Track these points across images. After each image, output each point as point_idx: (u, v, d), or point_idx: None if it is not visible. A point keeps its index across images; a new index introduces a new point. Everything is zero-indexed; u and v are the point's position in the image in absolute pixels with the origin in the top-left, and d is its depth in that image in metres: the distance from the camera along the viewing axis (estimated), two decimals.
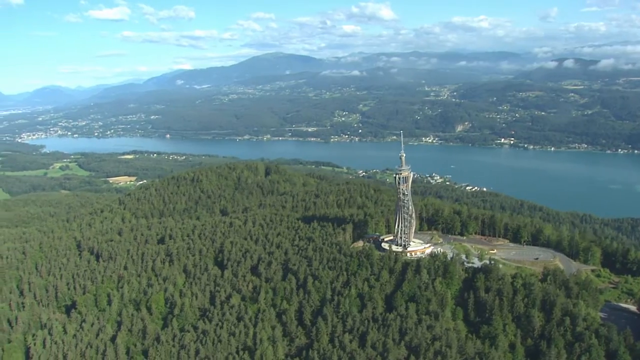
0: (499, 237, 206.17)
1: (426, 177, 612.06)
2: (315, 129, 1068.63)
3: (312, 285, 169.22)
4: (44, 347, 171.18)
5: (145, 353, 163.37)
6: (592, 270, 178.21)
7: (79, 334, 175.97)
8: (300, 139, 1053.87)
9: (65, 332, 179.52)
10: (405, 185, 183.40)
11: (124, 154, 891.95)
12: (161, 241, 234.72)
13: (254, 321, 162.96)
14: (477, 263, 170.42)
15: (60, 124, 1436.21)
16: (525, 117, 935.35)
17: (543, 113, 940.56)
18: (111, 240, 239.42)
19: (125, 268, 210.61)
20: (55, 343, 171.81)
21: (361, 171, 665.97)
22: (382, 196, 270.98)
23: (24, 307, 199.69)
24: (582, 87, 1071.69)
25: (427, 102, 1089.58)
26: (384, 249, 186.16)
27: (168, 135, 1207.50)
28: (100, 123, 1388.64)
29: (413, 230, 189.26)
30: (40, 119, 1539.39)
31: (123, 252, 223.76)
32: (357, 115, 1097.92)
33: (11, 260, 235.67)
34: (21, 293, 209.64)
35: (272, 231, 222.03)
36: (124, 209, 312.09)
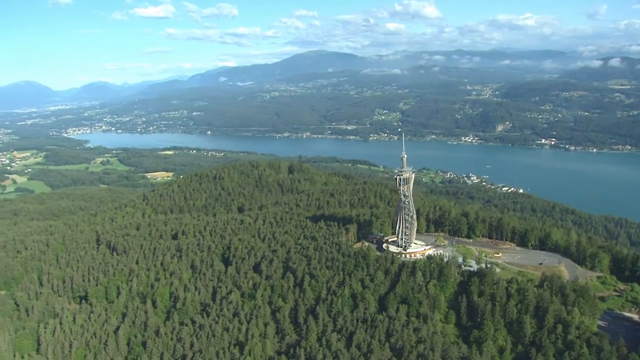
0: (506, 240, 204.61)
1: (462, 177, 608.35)
2: (354, 127, 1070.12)
3: (308, 284, 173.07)
4: (53, 335, 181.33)
5: (144, 345, 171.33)
6: (598, 277, 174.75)
7: (86, 324, 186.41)
8: (340, 137, 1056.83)
9: (74, 321, 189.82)
10: (406, 186, 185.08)
11: (164, 149, 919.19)
12: (174, 237, 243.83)
13: (248, 317, 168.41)
14: (474, 266, 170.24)
15: (105, 119, 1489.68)
16: (568, 118, 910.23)
17: (586, 113, 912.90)
18: (127, 235, 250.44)
19: (137, 262, 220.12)
20: (64, 332, 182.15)
21: (397, 170, 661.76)
22: (396, 196, 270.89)
23: (41, 296, 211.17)
24: (628, 86, 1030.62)
25: (468, 101, 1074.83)
26: (387, 251, 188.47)
27: (209, 132, 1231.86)
28: (144, 119, 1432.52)
29: (414, 232, 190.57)
30: (86, 114, 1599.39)
31: (136, 247, 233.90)
32: (397, 113, 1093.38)
33: (35, 251, 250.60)
34: (40, 283, 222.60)
35: (280, 229, 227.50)
36: (147, 204, 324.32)
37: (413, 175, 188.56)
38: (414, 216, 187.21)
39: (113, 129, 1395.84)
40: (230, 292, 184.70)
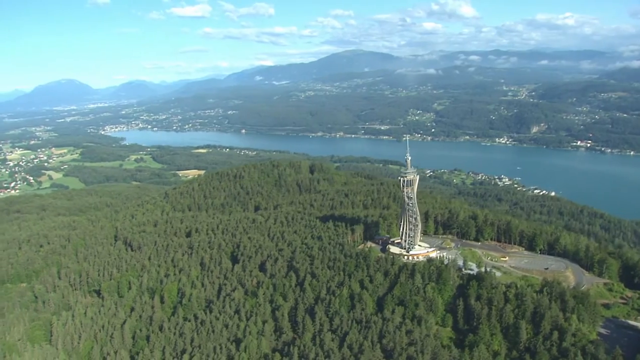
0: (515, 244, 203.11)
1: (494, 179, 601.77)
2: (388, 127, 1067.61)
3: (308, 284, 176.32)
4: (65, 326, 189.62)
5: (148, 338, 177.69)
6: (605, 284, 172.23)
7: (95, 317, 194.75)
8: (373, 137, 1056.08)
9: (85, 314, 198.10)
10: (410, 188, 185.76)
11: (197, 148, 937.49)
12: (188, 234, 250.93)
13: (249, 315, 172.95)
14: (475, 270, 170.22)
15: (141, 117, 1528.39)
16: (605, 119, 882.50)
17: (625, 115, 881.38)
18: (143, 232, 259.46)
19: (149, 258, 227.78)
20: (74, 324, 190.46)
21: (428, 171, 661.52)
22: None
23: (57, 289, 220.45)
24: None
25: (503, 102, 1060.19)
26: (390, 252, 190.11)
27: (243, 131, 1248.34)
28: (180, 117, 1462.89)
29: (419, 234, 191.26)
30: (124, 112, 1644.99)
31: (150, 243, 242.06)
32: (431, 114, 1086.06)
33: (56, 246, 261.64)
34: (59, 276, 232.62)
35: (289, 229, 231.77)
36: (167, 202, 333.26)
37: (417, 177, 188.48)
38: (418, 218, 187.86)
39: (149, 126, 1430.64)
40: (234, 290, 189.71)
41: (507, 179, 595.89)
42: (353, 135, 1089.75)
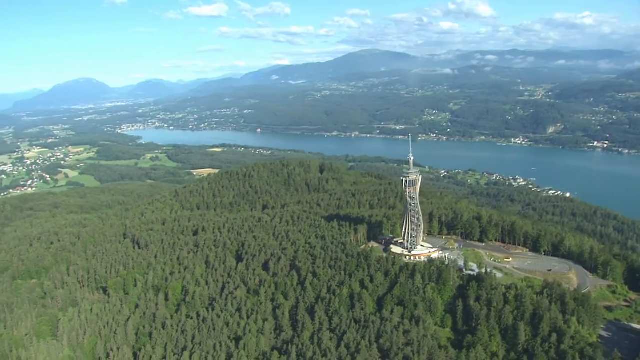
0: (519, 245, 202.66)
1: (509, 179, 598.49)
2: (403, 126, 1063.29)
3: (310, 283, 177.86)
4: (70, 322, 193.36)
5: (150, 335, 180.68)
6: (609, 286, 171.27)
7: (101, 313, 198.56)
8: (388, 136, 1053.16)
9: (91, 311, 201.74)
10: (412, 188, 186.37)
11: (213, 147, 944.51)
12: (195, 233, 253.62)
13: (250, 313, 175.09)
14: (476, 271, 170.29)
15: (158, 116, 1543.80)
16: (623, 120, 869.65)
17: None
18: (151, 230, 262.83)
19: (156, 256, 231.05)
20: (80, 320, 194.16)
21: (443, 171, 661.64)
22: (420, 198, 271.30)
23: (65, 286, 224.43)
24: None
25: (519, 102, 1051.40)
26: (391, 252, 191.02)
27: (259, 130, 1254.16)
28: (196, 116, 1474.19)
29: (421, 234, 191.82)
30: (141, 111, 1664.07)
31: (157, 242, 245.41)
32: (447, 114, 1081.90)
33: (66, 243, 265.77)
34: (67, 273, 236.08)
35: (294, 228, 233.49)
36: (176, 200, 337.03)
37: (420, 177, 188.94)
38: (421, 218, 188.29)
39: (165, 125, 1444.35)
40: (237, 288, 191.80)
41: (521, 180, 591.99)
42: (368, 135, 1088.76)
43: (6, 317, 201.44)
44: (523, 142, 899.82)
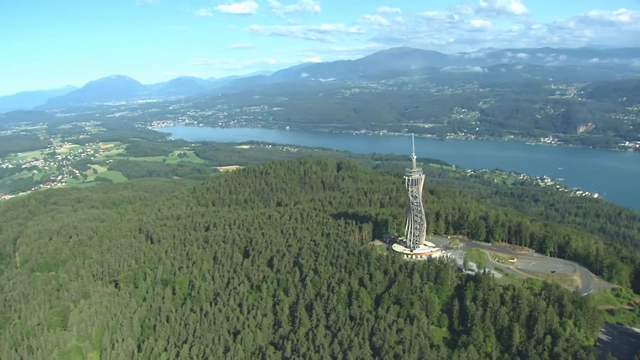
0: (525, 246, 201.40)
1: (536, 179, 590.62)
2: (432, 125, 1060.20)
3: (310, 280, 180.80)
4: (80, 314, 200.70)
5: (154, 328, 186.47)
6: (613, 289, 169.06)
7: (110, 306, 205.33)
8: (416, 135, 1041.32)
9: (101, 303, 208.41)
10: (415, 187, 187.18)
11: (241, 144, 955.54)
12: (207, 229, 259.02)
13: (250, 308, 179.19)
14: (475, 271, 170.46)
15: (188, 113, 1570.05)
16: None
17: None
18: (164, 225, 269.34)
19: (166, 251, 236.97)
20: (89, 312, 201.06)
21: (469, 170, 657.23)
22: (431, 197, 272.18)
23: (79, 279, 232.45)
24: None
25: (550, 100, 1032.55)
26: (394, 250, 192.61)
27: (287, 127, 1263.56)
28: (225, 113, 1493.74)
29: (424, 233, 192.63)
30: (171, 107, 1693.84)
31: (169, 237, 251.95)
32: (476, 112, 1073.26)
33: (83, 237, 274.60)
34: (82, 266, 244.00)
35: (302, 225, 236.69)
36: (193, 197, 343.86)
37: (423, 177, 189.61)
38: (423, 217, 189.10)
39: (195, 122, 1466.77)
40: (241, 283, 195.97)
41: (549, 180, 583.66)
42: (396, 133, 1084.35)
43: (21, 307, 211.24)
44: (552, 142, 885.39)
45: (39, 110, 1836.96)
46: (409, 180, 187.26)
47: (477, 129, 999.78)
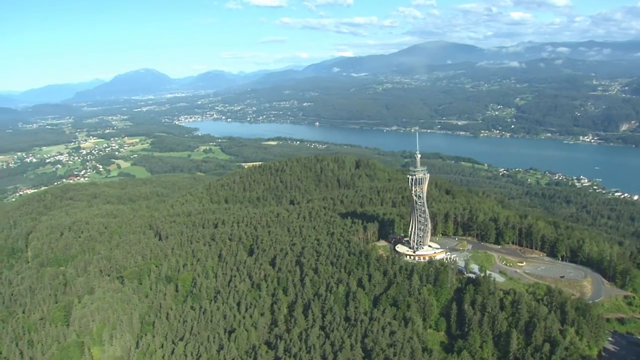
0: (536, 249, 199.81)
1: (572, 180, 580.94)
2: (465, 122, 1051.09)
3: (309, 280, 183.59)
4: (83, 309, 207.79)
5: (153, 325, 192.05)
6: (625, 297, 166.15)
7: (112, 302, 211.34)
8: (449, 132, 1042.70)
9: (104, 299, 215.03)
10: (419, 187, 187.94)
11: (268, 140, 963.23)
12: (216, 226, 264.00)
13: (248, 306, 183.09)
14: (477, 274, 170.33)
15: (216, 107, 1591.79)
16: None
17: None
18: (174, 222, 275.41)
19: (172, 248, 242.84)
20: (92, 307, 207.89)
21: (502, 169, 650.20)
22: (445, 197, 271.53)
23: (86, 274, 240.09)
24: None
25: (591, 97, 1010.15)
26: (396, 251, 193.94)
27: (317, 123, 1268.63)
28: (254, 108, 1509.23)
29: (428, 234, 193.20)
30: (200, 102, 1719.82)
31: (177, 234, 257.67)
32: (512, 109, 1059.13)
33: (94, 232, 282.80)
34: (91, 262, 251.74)
35: (309, 224, 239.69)
36: (206, 193, 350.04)
37: (427, 176, 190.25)
38: (428, 218, 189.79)
39: (223, 117, 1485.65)
40: (242, 281, 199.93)
41: (586, 180, 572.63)
42: (428, 130, 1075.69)
43: (27, 301, 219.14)
44: (592, 140, 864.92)
45: (66, 104, 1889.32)
46: (412, 179, 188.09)
47: (512, 126, 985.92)
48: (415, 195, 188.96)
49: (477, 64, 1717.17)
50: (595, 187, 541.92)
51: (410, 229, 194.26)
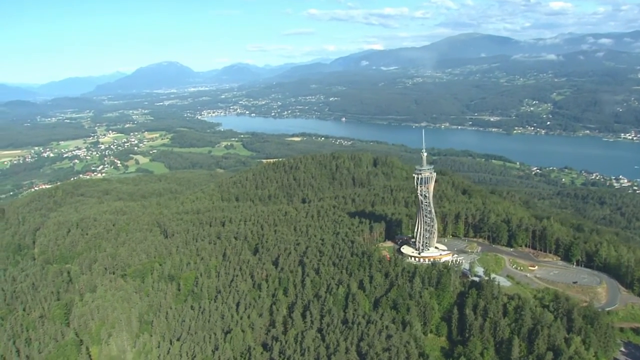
0: (550, 252, 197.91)
1: (610, 179, 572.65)
2: (498, 118, 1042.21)
3: (310, 280, 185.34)
4: (83, 307, 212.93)
5: (151, 324, 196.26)
6: None
7: (112, 300, 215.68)
8: (481, 128, 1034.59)
9: (105, 297, 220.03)
10: (426, 186, 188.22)
11: (292, 135, 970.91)
12: (223, 224, 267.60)
13: (247, 307, 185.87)
14: (482, 277, 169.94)
15: (240, 102, 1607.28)
16: None
17: None
18: (181, 220, 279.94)
19: (177, 246, 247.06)
20: (92, 305, 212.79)
21: (535, 168, 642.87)
22: (462, 197, 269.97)
23: (89, 272, 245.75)
24: None
25: (635, 91, 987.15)
26: (401, 252, 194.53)
27: (343, 119, 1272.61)
28: (279, 103, 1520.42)
29: (435, 235, 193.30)
30: (223, 96, 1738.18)
31: (183, 232, 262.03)
32: (549, 105, 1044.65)
33: (101, 230, 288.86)
34: (96, 259, 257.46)
35: (316, 223, 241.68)
36: (217, 191, 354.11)
37: (434, 175, 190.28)
38: (434, 218, 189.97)
39: (247, 112, 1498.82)
40: (243, 281, 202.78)
41: (625, 180, 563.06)
42: (459, 127, 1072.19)
43: (28, 299, 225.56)
44: (634, 138, 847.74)
45: (86, 97, 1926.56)
46: (418, 178, 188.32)
47: (548, 123, 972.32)
48: (421, 195, 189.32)
49: (512, 57, 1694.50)
50: (635, 188, 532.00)
51: (416, 230, 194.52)
